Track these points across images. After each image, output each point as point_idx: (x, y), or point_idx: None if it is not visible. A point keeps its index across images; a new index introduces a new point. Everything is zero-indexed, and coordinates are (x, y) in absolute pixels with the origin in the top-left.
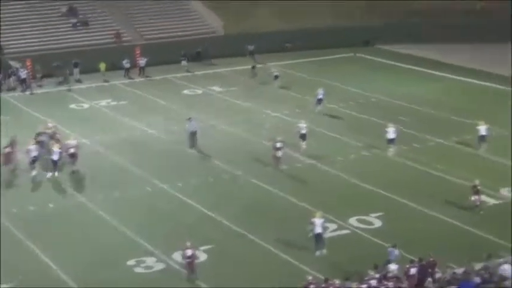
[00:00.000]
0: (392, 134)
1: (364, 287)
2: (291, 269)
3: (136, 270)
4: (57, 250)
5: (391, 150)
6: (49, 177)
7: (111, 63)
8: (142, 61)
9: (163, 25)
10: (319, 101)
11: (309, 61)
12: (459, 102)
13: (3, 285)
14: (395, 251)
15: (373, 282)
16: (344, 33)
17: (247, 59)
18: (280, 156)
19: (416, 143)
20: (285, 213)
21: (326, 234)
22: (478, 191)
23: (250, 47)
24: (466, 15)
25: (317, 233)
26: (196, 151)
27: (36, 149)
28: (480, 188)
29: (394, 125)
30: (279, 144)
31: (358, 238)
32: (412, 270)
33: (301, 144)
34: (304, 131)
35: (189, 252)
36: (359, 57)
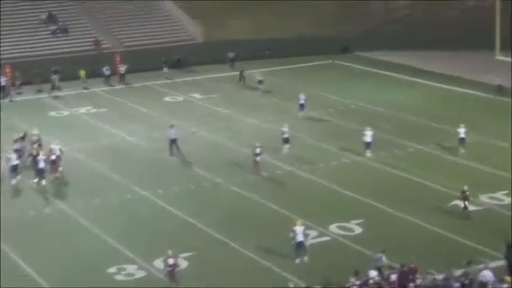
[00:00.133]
0: (369, 137)
1: None
2: (272, 276)
3: (117, 277)
4: (38, 257)
5: (368, 154)
6: (37, 184)
7: (91, 70)
8: (122, 68)
9: (142, 32)
10: (301, 106)
11: (288, 68)
12: (439, 109)
13: None
14: (383, 257)
15: None
16: (323, 40)
17: (227, 66)
18: (259, 161)
19: (397, 149)
20: (266, 220)
21: (307, 242)
22: (467, 197)
23: (231, 54)
24: (446, 22)
25: (299, 241)
26: (177, 158)
27: (16, 157)
28: (468, 193)
29: (371, 129)
30: (258, 150)
31: (338, 245)
32: (393, 277)
33: (284, 148)
34: (287, 135)
35: (171, 260)
36: (338, 64)
